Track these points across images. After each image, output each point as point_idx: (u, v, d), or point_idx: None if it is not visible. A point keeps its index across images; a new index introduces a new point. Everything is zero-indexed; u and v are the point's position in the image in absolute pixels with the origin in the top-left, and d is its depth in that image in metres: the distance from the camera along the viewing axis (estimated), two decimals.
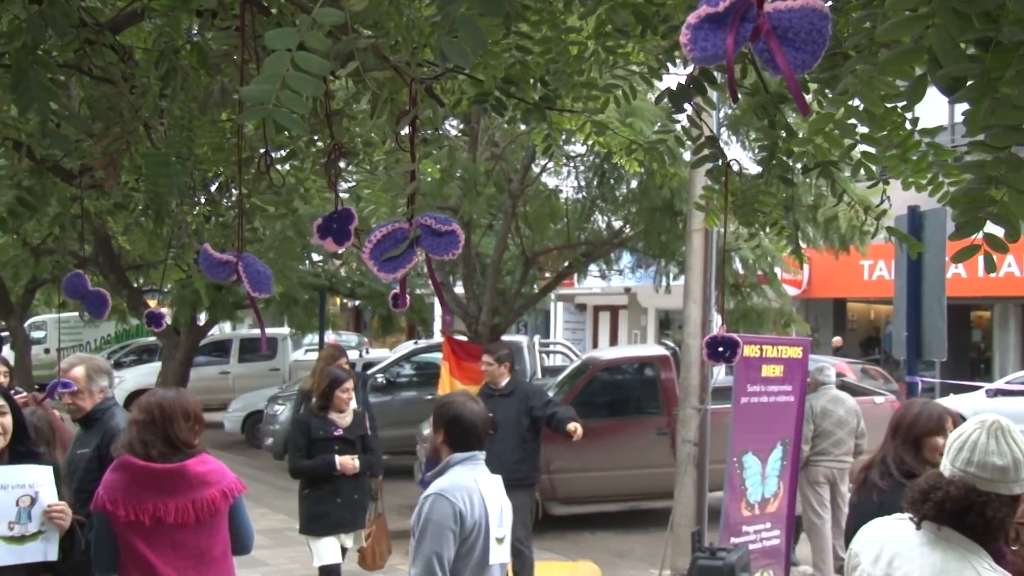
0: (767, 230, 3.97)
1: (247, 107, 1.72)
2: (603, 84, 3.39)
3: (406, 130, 2.11)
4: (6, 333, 18.02)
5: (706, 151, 3.27)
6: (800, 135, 3.14)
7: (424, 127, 2.48)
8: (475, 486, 3.57)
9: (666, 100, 3.03)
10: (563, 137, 5.81)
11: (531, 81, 3.33)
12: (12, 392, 6.04)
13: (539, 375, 13.04)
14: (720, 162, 3.27)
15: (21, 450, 3.35)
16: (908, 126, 2.63)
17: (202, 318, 13.61)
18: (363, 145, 4.69)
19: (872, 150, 2.67)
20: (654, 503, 10.21)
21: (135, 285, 13.97)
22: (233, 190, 5.25)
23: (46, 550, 3.28)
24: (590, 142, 4.48)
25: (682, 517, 7.75)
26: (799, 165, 3.33)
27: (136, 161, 3.93)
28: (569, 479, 10.01)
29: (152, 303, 15.13)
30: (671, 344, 11.34)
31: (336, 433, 6.17)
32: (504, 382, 7.12)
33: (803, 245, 9.48)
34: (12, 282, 15.21)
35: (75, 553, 3.35)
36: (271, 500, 11.10)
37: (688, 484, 7.75)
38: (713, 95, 4.96)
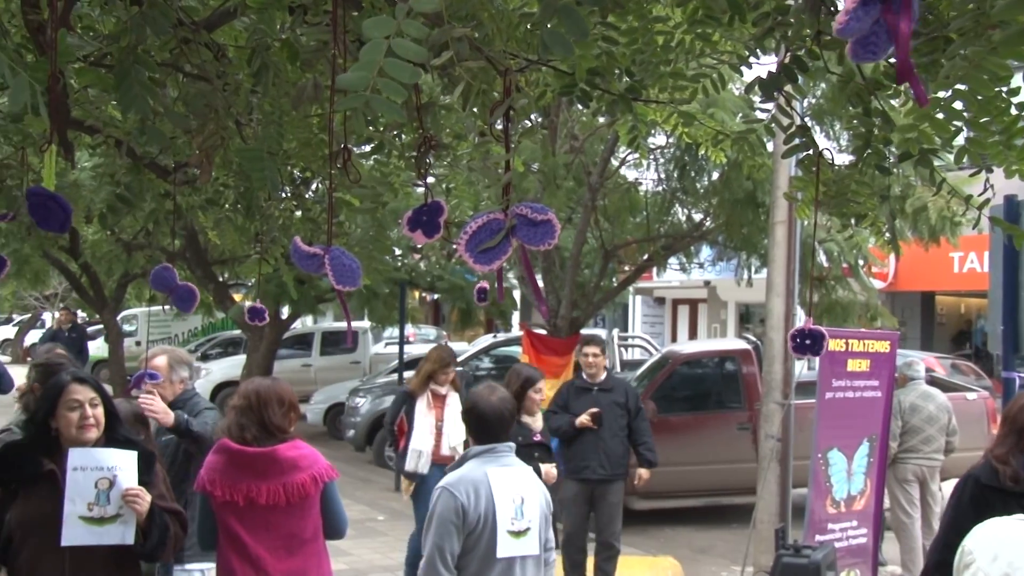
0: (854, 222, 3.86)
1: (344, 95, 1.73)
2: (691, 74, 3.35)
3: (499, 121, 2.10)
4: (97, 327, 18.58)
5: (797, 140, 3.19)
6: (895, 123, 3.04)
7: (518, 118, 2.48)
8: (484, 479, 3.58)
9: (756, 88, 2.97)
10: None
11: (616, 72, 3.31)
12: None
13: (618, 369, 12.97)
14: (811, 151, 3.19)
15: (117, 438, 3.45)
16: (1013, 111, 2.52)
17: (285, 311, 13.85)
18: (452, 138, 4.72)
19: (977, 136, 2.58)
20: (736, 499, 10.07)
21: (221, 279, 14.30)
22: (316, 184, 5.33)
23: (124, 533, 3.31)
24: (676, 133, 4.43)
25: (765, 514, 7.63)
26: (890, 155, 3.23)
27: (228, 157, 4.02)
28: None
29: (238, 297, 15.50)
30: (752, 338, 11.17)
31: (536, 439, 5.63)
32: (602, 376, 6.98)
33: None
34: (105, 276, 15.67)
35: (153, 538, 3.36)
36: (352, 491, 11.26)
37: (771, 480, 7.63)
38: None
